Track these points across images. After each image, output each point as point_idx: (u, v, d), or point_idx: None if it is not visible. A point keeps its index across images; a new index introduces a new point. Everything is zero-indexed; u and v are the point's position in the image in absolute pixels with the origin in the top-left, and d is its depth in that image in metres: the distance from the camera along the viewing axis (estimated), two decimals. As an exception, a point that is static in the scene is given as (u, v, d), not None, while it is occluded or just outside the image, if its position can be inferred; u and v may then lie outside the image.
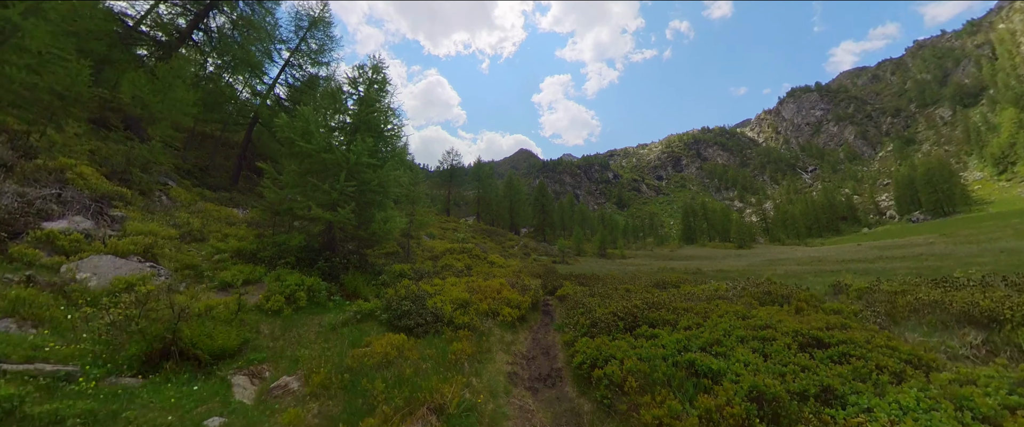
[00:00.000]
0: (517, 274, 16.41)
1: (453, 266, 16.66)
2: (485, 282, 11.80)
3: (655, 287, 13.87)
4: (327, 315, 8.39)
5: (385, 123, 11.02)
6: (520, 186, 70.29)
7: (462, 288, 10.92)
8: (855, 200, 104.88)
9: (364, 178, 9.79)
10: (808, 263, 30.41)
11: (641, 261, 49.07)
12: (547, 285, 16.29)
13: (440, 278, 12.90)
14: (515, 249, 39.27)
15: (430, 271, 14.15)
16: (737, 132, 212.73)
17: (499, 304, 10.36)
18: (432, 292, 10.05)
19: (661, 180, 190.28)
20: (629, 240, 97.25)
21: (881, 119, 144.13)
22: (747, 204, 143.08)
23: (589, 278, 18.36)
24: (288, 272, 9.02)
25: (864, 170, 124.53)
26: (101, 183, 10.92)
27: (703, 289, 11.81)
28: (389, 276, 11.29)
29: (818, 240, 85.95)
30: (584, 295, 11.95)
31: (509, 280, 13.15)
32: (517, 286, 12.63)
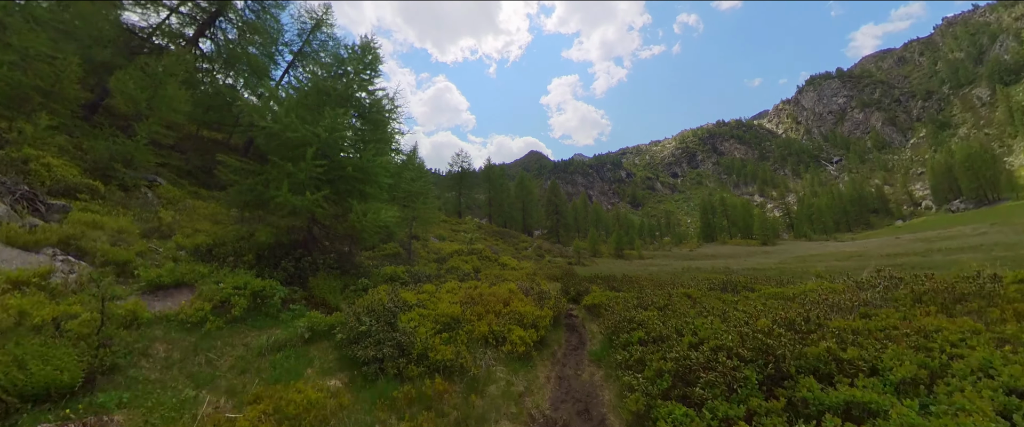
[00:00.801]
0: (532, 277, 14.98)
1: (459, 269, 15.39)
2: (490, 288, 9.59)
3: (721, 290, 11.22)
4: (272, 330, 6.67)
5: (375, 106, 9.80)
6: (532, 187, 69.03)
7: (459, 296, 8.76)
8: (886, 191, 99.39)
9: (340, 161, 8.44)
10: (849, 258, 28.05)
11: (661, 261, 47.03)
12: (569, 290, 13.80)
13: (436, 283, 11.22)
14: (529, 251, 37.98)
15: (432, 275, 12.76)
16: (754, 124, 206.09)
17: (506, 323, 7.66)
18: (414, 302, 7.97)
19: (676, 177, 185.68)
20: (646, 240, 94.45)
21: (911, 103, 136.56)
22: (768, 198, 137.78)
23: (618, 280, 15.66)
24: (234, 272, 7.51)
25: (895, 159, 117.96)
26: (68, 174, 10.48)
27: (805, 291, 8.59)
28: (376, 280, 9.86)
29: (848, 234, 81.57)
30: (627, 306, 8.96)
31: (522, 286, 11.00)
32: (532, 293, 10.30)
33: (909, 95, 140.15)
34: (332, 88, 8.65)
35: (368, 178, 8.79)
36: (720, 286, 11.87)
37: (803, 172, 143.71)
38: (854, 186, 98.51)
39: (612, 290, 12.31)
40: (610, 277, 16.80)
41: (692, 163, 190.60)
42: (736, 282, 12.39)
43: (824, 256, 33.30)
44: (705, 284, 12.52)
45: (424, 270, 12.98)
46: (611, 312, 8.78)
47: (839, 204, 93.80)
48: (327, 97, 8.56)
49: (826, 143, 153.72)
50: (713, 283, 12.77)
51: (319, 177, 8.10)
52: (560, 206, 70.12)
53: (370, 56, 9.78)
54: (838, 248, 44.40)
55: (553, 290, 13.02)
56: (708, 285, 12.28)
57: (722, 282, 12.56)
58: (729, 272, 23.03)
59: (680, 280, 14.76)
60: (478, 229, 42.85)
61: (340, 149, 8.31)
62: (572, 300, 12.69)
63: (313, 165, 7.71)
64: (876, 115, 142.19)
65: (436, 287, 9.90)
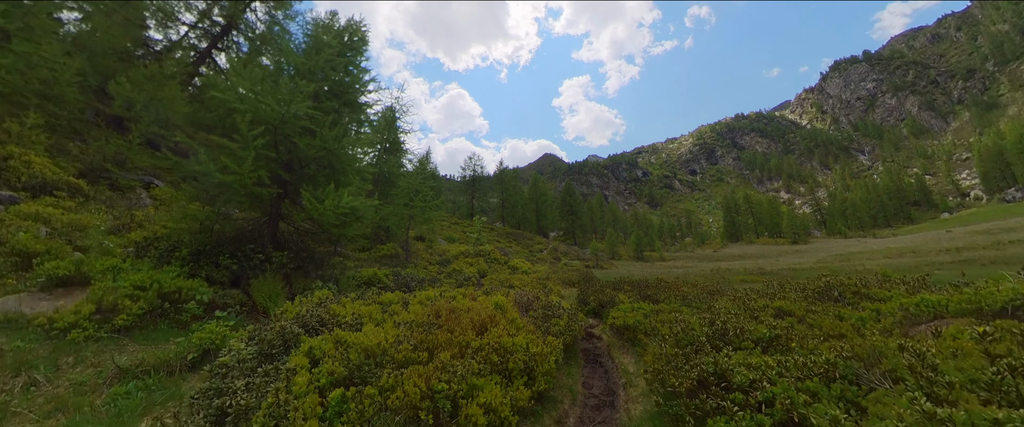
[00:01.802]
0: (543, 282, 13.23)
1: (462, 272, 14.02)
2: (470, 303, 6.83)
3: (818, 298, 7.56)
4: (163, 345, 5.29)
5: (355, 85, 8.50)
6: (545, 188, 67.46)
7: (420, 314, 5.91)
8: (928, 181, 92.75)
9: (300, 140, 7.07)
10: (900, 255, 25.22)
11: (685, 262, 44.62)
12: (587, 299, 10.54)
13: (416, 291, 9.17)
14: (544, 253, 36.46)
15: (424, 279, 11.37)
16: (776, 116, 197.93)
17: (473, 370, 4.28)
18: (348, 319, 5.81)
19: (695, 174, 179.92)
20: (666, 241, 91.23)
21: (950, 84, 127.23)
22: (796, 194, 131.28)
23: (651, 286, 11.98)
24: (137, 268, 6.17)
25: (935, 145, 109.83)
26: (48, 172, 10.41)
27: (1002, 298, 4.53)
28: (347, 284, 8.43)
29: (887, 230, 76.15)
30: (684, 335, 5.43)
31: (522, 297, 8.35)
32: (535, 307, 7.77)
33: (947, 75, 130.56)
34: (302, 64, 7.56)
35: (335, 161, 7.50)
36: (816, 294, 7.86)
37: (832, 164, 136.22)
38: (891, 177, 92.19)
39: (647, 300, 9.48)
40: (641, 282, 13.04)
41: (711, 159, 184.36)
42: (842, 287, 7.92)
43: (868, 254, 30.38)
44: (793, 292, 8.36)
45: (417, 274, 11.56)
46: (656, 341, 5.71)
47: (875, 197, 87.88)
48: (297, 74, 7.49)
49: (856, 132, 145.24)
50: (804, 289, 8.34)
51: (270, 158, 6.91)
52: (575, 207, 68.22)
53: (356, 37, 8.74)
54: (881, 245, 40.82)
55: (569, 297, 11.37)
56: (798, 293, 8.17)
57: (819, 289, 8.07)
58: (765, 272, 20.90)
59: (724, 284, 12.04)
60: (490, 230, 41.64)
61: (300, 127, 7.06)
62: (593, 313, 9.73)
63: (253, 138, 6.47)
64: (911, 99, 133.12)
65: (410, 297, 7.71)
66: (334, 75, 7.97)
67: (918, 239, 40.84)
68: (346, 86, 8.23)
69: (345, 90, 8.27)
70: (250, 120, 6.41)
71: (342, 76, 8.14)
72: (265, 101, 6.39)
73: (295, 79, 7.16)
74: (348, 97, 8.39)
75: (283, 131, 6.91)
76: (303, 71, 7.47)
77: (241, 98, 6.65)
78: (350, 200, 6.86)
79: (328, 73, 7.88)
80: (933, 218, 77.65)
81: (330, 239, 9.34)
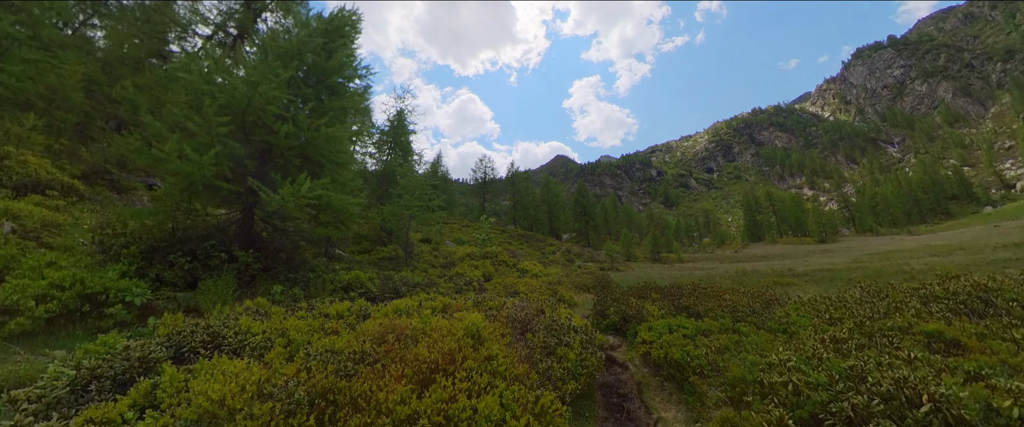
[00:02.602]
0: (553, 288, 11.98)
1: (464, 276, 13.07)
2: (440, 324, 5.14)
3: (960, 311, 4.97)
4: (45, 361, 4.16)
5: (341, 72, 7.62)
6: (558, 189, 66.26)
7: (351, 341, 4.30)
8: (966, 172, 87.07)
9: (273, 125, 6.29)
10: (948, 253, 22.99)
11: (705, 263, 42.69)
12: (605, 310, 8.44)
13: (387, 301, 7.99)
14: (557, 255, 35.35)
15: (419, 283, 10.34)
16: (796, 109, 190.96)
17: None
18: (234, 335, 4.57)
19: (711, 172, 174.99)
20: (683, 241, 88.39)
21: (987, 67, 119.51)
22: (820, 190, 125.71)
23: (685, 293, 9.66)
24: (77, 265, 5.53)
25: (973, 133, 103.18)
26: (43, 172, 10.52)
27: None
28: (317, 289, 7.44)
29: (923, 226, 71.66)
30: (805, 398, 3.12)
31: (517, 314, 6.25)
32: (536, 329, 5.79)
33: (984, 57, 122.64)
34: (279, 47, 6.85)
35: (312, 151, 6.68)
36: (958, 304, 5.07)
37: (859, 158, 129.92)
38: (925, 170, 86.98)
39: (683, 312, 7.70)
40: (672, 289, 10.44)
41: (728, 156, 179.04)
42: (984, 292, 5.15)
43: (909, 252, 28.04)
44: (908, 299, 5.86)
45: (412, 277, 10.64)
46: (719, 386, 4.24)
47: (908, 192, 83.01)
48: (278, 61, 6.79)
49: (884, 123, 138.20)
50: (928, 297, 5.60)
51: (237, 146, 6.14)
52: (588, 208, 66.72)
53: (346, 25, 8.02)
54: (922, 242, 37.94)
55: (584, 305, 10.14)
56: (916, 301, 5.63)
57: (973, 298, 5.10)
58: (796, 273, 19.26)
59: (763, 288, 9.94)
60: (501, 232, 40.76)
61: (273, 114, 6.30)
62: (613, 329, 7.92)
63: (217, 124, 5.73)
64: (944, 85, 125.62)
65: (377, 308, 6.48)
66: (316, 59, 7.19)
67: (964, 236, 37.82)
68: (329, 71, 7.44)
69: (327, 75, 7.49)
70: (220, 104, 5.73)
71: (324, 59, 7.34)
72: (230, 81, 5.69)
73: (269, 62, 6.46)
74: (330, 83, 7.62)
75: (253, 117, 6.19)
76: (279, 54, 6.78)
77: (207, 80, 5.97)
78: (318, 191, 6.00)
79: (309, 57, 7.17)
80: (974, 213, 72.68)
81: (311, 239, 8.61)
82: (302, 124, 6.32)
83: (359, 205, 7.20)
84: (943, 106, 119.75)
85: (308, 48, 7.05)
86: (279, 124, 6.37)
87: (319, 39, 7.22)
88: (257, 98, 5.88)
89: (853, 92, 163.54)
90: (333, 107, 7.32)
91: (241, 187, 6.59)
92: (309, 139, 6.43)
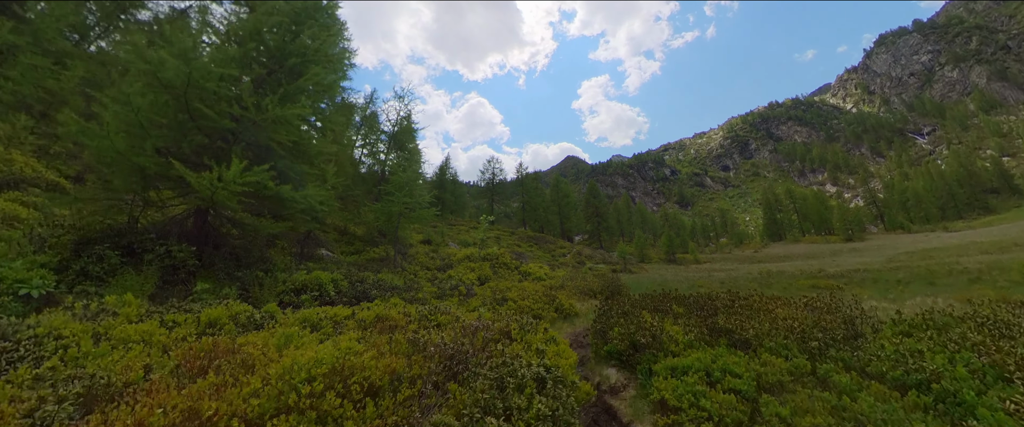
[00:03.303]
0: (552, 293, 10.64)
1: (453, 279, 11.92)
2: (299, 355, 3.15)
3: None
4: None
5: (298, 49, 6.55)
6: (568, 190, 64.86)
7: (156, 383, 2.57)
8: (1006, 163, 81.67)
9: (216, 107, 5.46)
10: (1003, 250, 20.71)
11: (724, 265, 40.72)
12: (607, 330, 6.20)
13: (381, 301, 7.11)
14: (567, 257, 34.09)
15: (402, 286, 9.32)
16: (815, 101, 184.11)
17: None
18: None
19: (728, 170, 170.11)
20: (699, 242, 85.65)
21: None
22: (844, 186, 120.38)
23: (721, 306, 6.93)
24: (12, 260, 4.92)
25: (1012, 120, 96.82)
26: (27, 169, 10.66)
27: None
28: (265, 292, 6.48)
29: (960, 222, 67.35)
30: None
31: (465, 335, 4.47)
32: (477, 364, 3.70)
33: (1022, 38, 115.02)
34: (234, 26, 6.03)
35: (261, 137, 5.75)
36: None
37: (885, 150, 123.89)
38: (959, 161, 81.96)
39: (722, 338, 5.51)
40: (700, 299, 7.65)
41: (745, 153, 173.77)
42: None
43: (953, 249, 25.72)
44: None
45: (392, 280, 9.61)
46: None
47: (942, 185, 78.29)
48: None
49: (912, 112, 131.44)
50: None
51: (173, 128, 5.30)
52: (600, 208, 65.10)
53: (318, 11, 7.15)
54: (964, 239, 35.07)
55: (587, 313, 8.56)
56: None
57: None
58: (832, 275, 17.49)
59: (833, 299, 6.79)
60: (510, 234, 39.72)
61: (214, 90, 5.45)
62: (618, 359, 5.67)
63: (146, 103, 4.91)
64: (977, 70, 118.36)
65: (286, 314, 5.32)
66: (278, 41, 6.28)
67: (1013, 231, 34.84)
68: (292, 54, 6.47)
69: (288, 58, 6.53)
70: (163, 82, 4.93)
71: (288, 41, 6.40)
72: (159, 55, 4.87)
73: (221, 44, 5.66)
74: (293, 65, 6.64)
75: (199, 99, 5.37)
76: (232, 31, 5.96)
77: (142, 57, 5.18)
78: (253, 177, 5.11)
79: (269, 38, 6.30)
80: (1018, 206, 67.93)
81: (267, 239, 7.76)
82: (248, 105, 5.46)
83: (321, 199, 6.30)
84: (977, 92, 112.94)
85: (267, 27, 6.22)
86: (222, 105, 5.53)
87: (282, 19, 6.40)
88: (197, 76, 5.06)
89: (877, 81, 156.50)
90: (294, 91, 6.43)
91: (167, 170, 5.78)
92: (257, 122, 5.57)
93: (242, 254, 6.99)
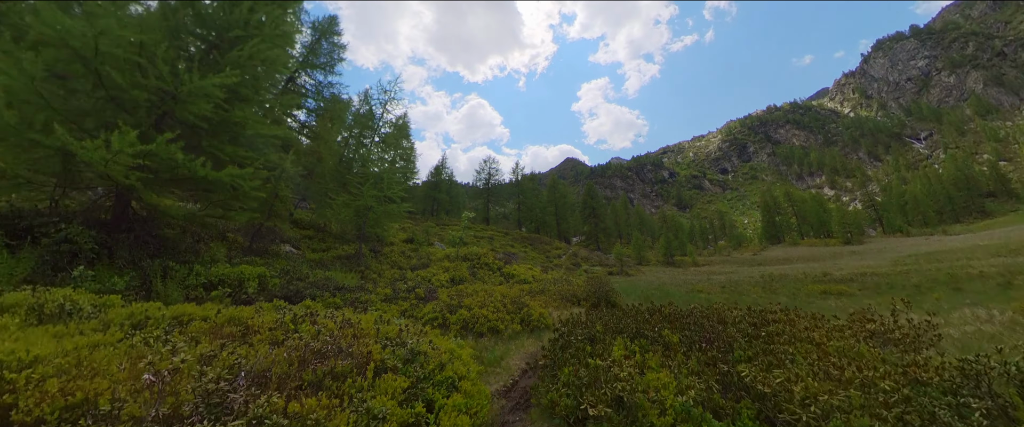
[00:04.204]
0: (520, 302, 9.23)
1: (418, 281, 10.80)
2: None
3: None
4: None
5: (262, 28, 5.67)
6: (566, 191, 64.10)
7: None
8: (1003, 168, 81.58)
9: (127, 74, 4.61)
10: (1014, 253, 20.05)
11: (724, 267, 39.95)
12: (557, 372, 4.39)
13: None
14: (562, 259, 33.23)
15: (348, 287, 8.24)
16: (813, 106, 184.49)
17: None
18: None
19: (726, 173, 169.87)
20: (698, 244, 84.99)
21: (1022, 54, 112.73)
22: (842, 189, 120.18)
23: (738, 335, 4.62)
24: None
25: (1008, 126, 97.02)
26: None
27: None
28: (175, 285, 5.47)
29: (959, 226, 67.02)
30: None
31: None
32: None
33: (1017, 44, 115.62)
34: None
35: (179, 109, 4.89)
36: None
37: (883, 155, 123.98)
38: (957, 165, 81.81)
39: (744, 399, 3.33)
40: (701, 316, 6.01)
41: (743, 156, 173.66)
42: None
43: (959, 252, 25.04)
44: None
45: (344, 280, 8.65)
46: None
47: (940, 189, 78.13)
48: None
49: (909, 117, 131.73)
50: None
51: (73, 99, 4.48)
52: (598, 209, 64.31)
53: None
54: (967, 242, 34.47)
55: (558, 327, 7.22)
56: None
57: None
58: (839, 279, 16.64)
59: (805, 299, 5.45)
60: (504, 234, 38.81)
61: (124, 57, 4.59)
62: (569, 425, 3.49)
63: (34, 65, 4.10)
64: (973, 75, 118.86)
65: None
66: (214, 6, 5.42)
67: (1017, 234, 34.25)
68: (232, 25, 5.52)
69: (229, 28, 5.58)
70: (71, 50, 4.09)
71: (226, 12, 5.47)
72: (46, 16, 4.03)
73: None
74: (234, 36, 5.70)
75: (111, 68, 4.51)
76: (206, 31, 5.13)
77: (41, 18, 4.31)
78: (141, 146, 4.27)
79: (210, 7, 5.45)
80: (1015, 210, 67.71)
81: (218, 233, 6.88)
82: (163, 73, 4.61)
83: (245, 178, 5.43)
84: (973, 97, 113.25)
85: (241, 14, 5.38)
86: (135, 75, 4.68)
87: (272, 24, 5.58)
88: (106, 43, 4.22)
89: (874, 86, 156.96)
90: (230, 64, 5.52)
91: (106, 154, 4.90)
92: (177, 96, 4.72)
93: (171, 245, 6.11)
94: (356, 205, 12.50)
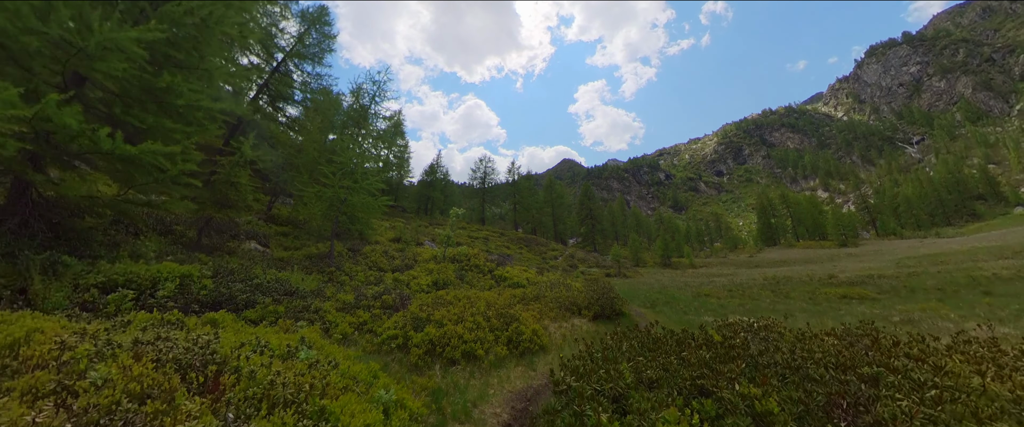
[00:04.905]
0: (507, 312, 8.19)
1: (390, 286, 9.74)
2: None
3: None
4: None
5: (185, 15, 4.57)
6: (563, 191, 63.37)
7: None
8: (992, 171, 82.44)
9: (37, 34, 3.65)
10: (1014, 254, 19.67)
11: (721, 269, 39.47)
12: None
13: None
14: (559, 260, 32.43)
15: (302, 291, 7.11)
16: (808, 110, 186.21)
17: None
18: None
19: (721, 176, 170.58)
20: (694, 246, 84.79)
21: (1009, 61, 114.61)
22: (835, 192, 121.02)
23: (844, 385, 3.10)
24: None
25: (997, 131, 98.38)
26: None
27: None
28: (63, 284, 4.50)
29: (950, 229, 67.43)
30: None
31: None
32: None
33: (1006, 51, 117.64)
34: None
35: (86, 66, 3.88)
36: None
37: (876, 158, 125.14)
38: (947, 169, 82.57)
39: None
40: (772, 357, 4.50)
41: (738, 159, 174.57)
42: None
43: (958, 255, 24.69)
44: None
45: (301, 284, 7.64)
46: None
47: (932, 192, 78.77)
48: None
49: (901, 121, 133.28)
50: None
51: None
52: (594, 211, 63.68)
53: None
54: (962, 245, 34.30)
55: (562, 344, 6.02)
56: None
57: None
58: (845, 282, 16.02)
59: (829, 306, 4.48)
60: (500, 235, 37.92)
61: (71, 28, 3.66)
62: None
63: None
64: (963, 80, 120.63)
65: None
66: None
67: (1012, 237, 34.11)
68: None
69: None
70: None
71: None
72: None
73: None
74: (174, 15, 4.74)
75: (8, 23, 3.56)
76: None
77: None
78: (21, 110, 3.26)
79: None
80: (1004, 213, 68.42)
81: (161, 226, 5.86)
82: (63, 20, 3.65)
83: (170, 156, 4.50)
84: (963, 102, 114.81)
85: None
86: (29, 18, 3.74)
87: None
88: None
89: (867, 91, 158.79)
90: (161, 16, 4.55)
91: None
92: (84, 50, 3.79)
93: (80, 236, 5.14)
94: (327, 196, 11.43)
